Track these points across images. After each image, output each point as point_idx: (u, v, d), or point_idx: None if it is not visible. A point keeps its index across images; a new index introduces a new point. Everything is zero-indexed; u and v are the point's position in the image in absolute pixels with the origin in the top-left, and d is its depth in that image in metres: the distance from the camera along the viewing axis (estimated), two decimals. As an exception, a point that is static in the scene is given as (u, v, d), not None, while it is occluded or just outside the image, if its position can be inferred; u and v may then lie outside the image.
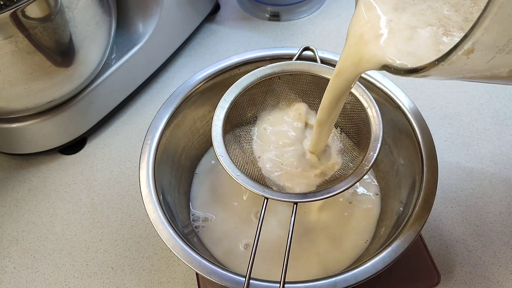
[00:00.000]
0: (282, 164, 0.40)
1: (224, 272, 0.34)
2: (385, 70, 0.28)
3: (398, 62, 0.27)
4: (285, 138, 0.42)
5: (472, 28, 0.20)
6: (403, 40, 0.27)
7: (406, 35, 0.27)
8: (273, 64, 0.43)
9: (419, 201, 0.37)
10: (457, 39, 0.22)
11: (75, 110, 0.52)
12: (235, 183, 0.36)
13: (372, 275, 0.33)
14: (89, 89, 0.52)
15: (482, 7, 0.20)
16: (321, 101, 0.36)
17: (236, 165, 0.38)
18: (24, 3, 0.37)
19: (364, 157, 0.38)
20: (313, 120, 0.42)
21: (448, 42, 0.26)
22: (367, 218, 0.45)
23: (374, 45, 0.28)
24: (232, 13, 0.71)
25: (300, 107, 0.43)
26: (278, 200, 0.36)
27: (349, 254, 0.42)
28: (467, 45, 0.21)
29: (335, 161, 0.41)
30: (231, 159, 0.38)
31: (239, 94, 0.42)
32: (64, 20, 0.42)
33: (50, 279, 0.46)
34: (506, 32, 0.21)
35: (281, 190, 0.38)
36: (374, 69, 0.28)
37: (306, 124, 0.43)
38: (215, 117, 0.40)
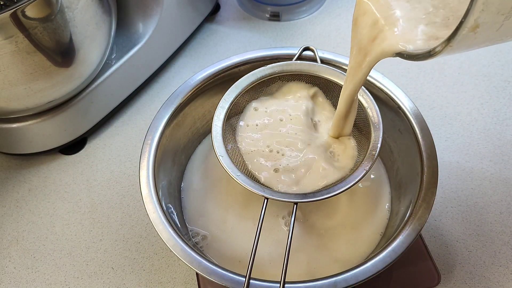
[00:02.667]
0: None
1: (224, 272, 0.34)
2: (398, 57, 0.28)
3: (410, 47, 0.27)
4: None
5: (468, 9, 0.21)
6: (411, 25, 0.28)
7: (414, 19, 0.28)
8: (273, 64, 0.43)
9: (419, 201, 0.37)
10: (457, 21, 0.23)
11: (75, 110, 0.52)
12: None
13: (372, 275, 0.33)
14: (89, 89, 0.52)
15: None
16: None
17: (236, 165, 0.38)
18: (24, 3, 0.37)
19: (364, 157, 0.38)
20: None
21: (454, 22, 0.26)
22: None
23: (386, 34, 0.28)
24: (232, 13, 0.71)
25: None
26: (278, 200, 0.36)
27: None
28: (469, 24, 0.21)
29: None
30: (231, 159, 0.38)
31: (239, 94, 0.42)
32: (64, 20, 0.42)
33: (50, 279, 0.46)
34: (506, 2, 0.21)
35: (280, 191, 0.38)
36: (388, 57, 0.29)
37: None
38: (215, 117, 0.40)
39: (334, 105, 0.43)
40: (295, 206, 0.35)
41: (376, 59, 0.31)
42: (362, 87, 0.40)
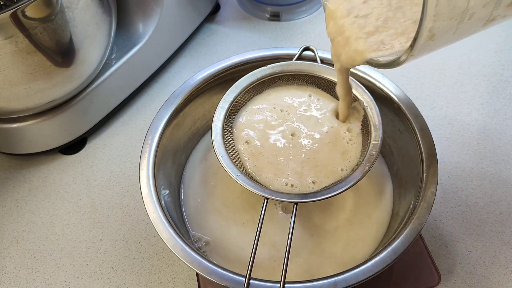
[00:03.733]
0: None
1: (224, 272, 0.34)
2: (368, 65, 0.30)
3: (374, 56, 0.30)
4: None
5: (420, 22, 0.22)
6: (375, 35, 0.30)
7: (374, 29, 0.30)
8: (273, 64, 0.43)
9: (419, 201, 0.37)
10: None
11: (75, 110, 0.52)
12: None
13: (372, 275, 0.33)
14: (89, 89, 0.52)
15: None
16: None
17: (236, 166, 0.38)
18: (24, 3, 0.37)
19: (365, 157, 0.38)
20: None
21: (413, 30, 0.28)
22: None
23: (353, 45, 0.31)
24: (232, 13, 0.71)
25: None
26: (278, 200, 0.36)
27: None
28: (424, 35, 0.23)
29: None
30: (231, 159, 0.38)
31: (239, 94, 0.42)
32: (64, 20, 0.42)
33: (50, 279, 0.46)
34: (456, 9, 0.22)
35: (280, 191, 0.38)
36: (359, 65, 0.32)
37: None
38: (215, 117, 0.40)
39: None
40: (295, 206, 0.35)
41: (347, 67, 0.34)
42: (362, 87, 0.41)
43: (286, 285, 0.32)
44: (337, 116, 0.42)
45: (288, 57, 0.45)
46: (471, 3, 0.22)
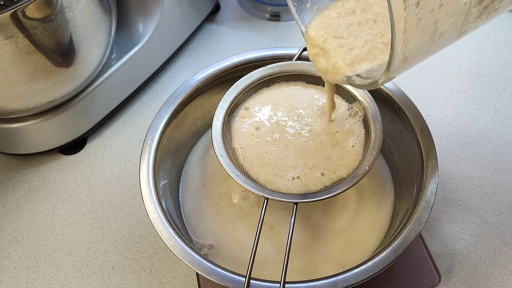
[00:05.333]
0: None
1: (224, 272, 0.34)
2: (349, 85, 0.32)
3: (355, 78, 0.31)
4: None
5: (392, 48, 0.23)
6: (355, 55, 0.32)
7: (353, 52, 0.32)
8: (273, 64, 0.43)
9: (419, 201, 0.37)
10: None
11: (76, 110, 0.52)
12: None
13: (372, 275, 0.33)
14: (90, 89, 0.52)
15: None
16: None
17: (235, 166, 0.38)
18: (25, 3, 0.37)
19: (365, 157, 0.38)
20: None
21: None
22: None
23: (335, 65, 0.33)
24: (232, 13, 0.71)
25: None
26: (278, 200, 0.36)
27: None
28: (397, 59, 0.24)
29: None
30: (231, 159, 0.38)
31: (239, 94, 0.42)
32: (65, 20, 0.42)
33: (50, 279, 0.46)
34: (425, 31, 0.23)
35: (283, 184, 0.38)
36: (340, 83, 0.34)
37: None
38: (215, 117, 0.40)
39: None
40: (295, 206, 0.35)
41: (332, 83, 0.36)
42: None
43: (286, 285, 0.32)
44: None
45: (288, 57, 0.45)
46: (439, 23, 0.23)
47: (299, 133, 0.41)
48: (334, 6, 0.35)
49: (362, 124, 0.41)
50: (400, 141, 0.44)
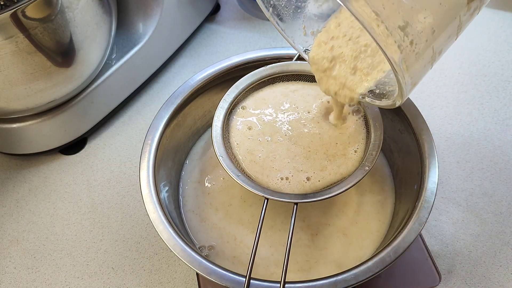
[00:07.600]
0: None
1: (224, 272, 0.34)
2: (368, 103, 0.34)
3: (370, 96, 0.33)
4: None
5: (399, 85, 0.25)
6: (368, 77, 0.34)
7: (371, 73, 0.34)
8: (273, 64, 0.43)
9: (419, 201, 0.37)
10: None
11: (76, 110, 0.52)
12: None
13: (373, 275, 0.33)
14: (90, 89, 0.52)
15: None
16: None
17: (235, 166, 0.38)
18: (25, 3, 0.37)
19: (365, 157, 0.38)
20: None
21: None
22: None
23: (348, 89, 0.35)
24: (232, 13, 0.71)
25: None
26: (278, 200, 0.36)
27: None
28: (406, 91, 0.26)
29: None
30: (231, 159, 0.38)
31: (239, 94, 0.42)
32: (65, 21, 0.42)
33: (50, 279, 0.46)
34: (425, 59, 0.25)
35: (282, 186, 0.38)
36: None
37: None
38: (215, 118, 0.40)
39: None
40: (295, 206, 0.35)
41: (344, 103, 0.37)
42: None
43: (286, 285, 0.32)
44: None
45: (288, 57, 0.45)
46: (436, 45, 0.25)
47: (299, 133, 0.41)
48: (327, 28, 0.36)
49: (363, 123, 0.41)
50: (400, 141, 0.44)
